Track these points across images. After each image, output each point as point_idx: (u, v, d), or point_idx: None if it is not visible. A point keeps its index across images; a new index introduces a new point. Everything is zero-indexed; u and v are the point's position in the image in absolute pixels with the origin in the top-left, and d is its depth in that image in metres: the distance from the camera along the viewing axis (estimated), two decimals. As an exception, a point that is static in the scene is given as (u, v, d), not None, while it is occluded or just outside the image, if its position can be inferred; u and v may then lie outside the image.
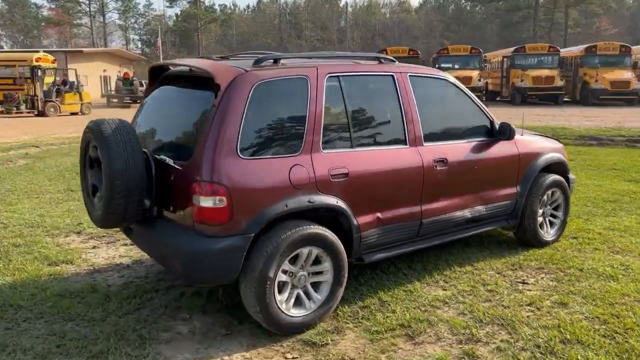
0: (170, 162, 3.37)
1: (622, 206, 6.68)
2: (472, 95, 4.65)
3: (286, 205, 3.34)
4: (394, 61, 4.24)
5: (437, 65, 26.40)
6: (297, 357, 3.24)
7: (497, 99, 29.48)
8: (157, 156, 3.49)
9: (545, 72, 26.39)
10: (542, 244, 5.07)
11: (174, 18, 79.44)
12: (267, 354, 3.29)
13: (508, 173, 4.75)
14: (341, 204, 3.57)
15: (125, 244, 5.30)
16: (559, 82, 26.27)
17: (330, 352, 3.27)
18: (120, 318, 3.69)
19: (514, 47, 29.09)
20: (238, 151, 3.23)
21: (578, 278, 4.31)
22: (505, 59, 28.94)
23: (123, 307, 3.87)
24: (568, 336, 3.36)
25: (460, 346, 3.32)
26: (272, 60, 3.60)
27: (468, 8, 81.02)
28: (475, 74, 27.04)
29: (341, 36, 76.13)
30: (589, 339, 3.32)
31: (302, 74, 3.58)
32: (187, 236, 3.27)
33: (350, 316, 3.73)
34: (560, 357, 3.15)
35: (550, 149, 5.13)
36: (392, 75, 4.07)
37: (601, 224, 5.86)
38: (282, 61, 3.64)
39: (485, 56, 30.05)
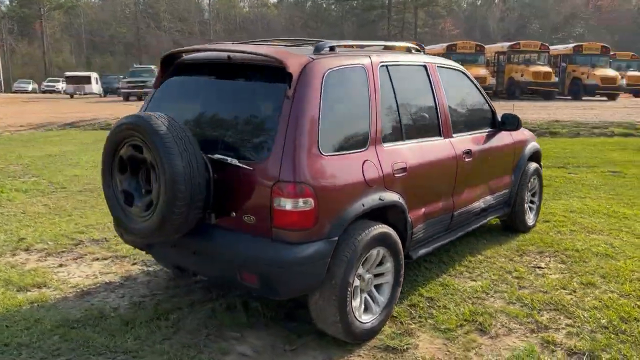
0: (235, 161, 2.93)
1: (558, 189, 7.29)
2: (480, 86, 4.74)
3: (363, 205, 3.10)
4: (421, 52, 4.16)
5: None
6: (386, 366, 3.04)
7: (489, 92, 30.40)
8: (210, 156, 3.01)
9: (543, 68, 27.69)
10: (527, 228, 5.34)
11: (7, 3, 71.05)
12: (354, 366, 3.03)
13: (508, 162, 4.93)
14: (401, 200, 3.41)
15: (97, 259, 4.58)
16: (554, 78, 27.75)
17: (417, 357, 3.11)
18: (163, 345, 3.16)
19: (509, 44, 30.19)
20: (319, 147, 2.92)
21: (582, 259, 4.59)
22: (499, 55, 29.95)
23: (155, 332, 3.32)
24: (623, 314, 3.56)
25: (535, 335, 3.35)
26: (329, 48, 3.31)
27: (324, 5, 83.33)
28: (486, 71, 27.11)
29: (203, 28, 74.01)
30: (640, 315, 3.54)
31: (360, 63, 3.35)
32: (264, 244, 2.88)
33: (408, 316, 3.58)
34: (631, 335, 3.31)
35: (531, 138, 5.42)
36: (425, 66, 3.98)
37: (557, 207, 6.34)
38: (336, 49, 3.37)
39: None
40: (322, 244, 2.90)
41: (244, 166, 2.90)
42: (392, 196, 3.32)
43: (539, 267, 4.44)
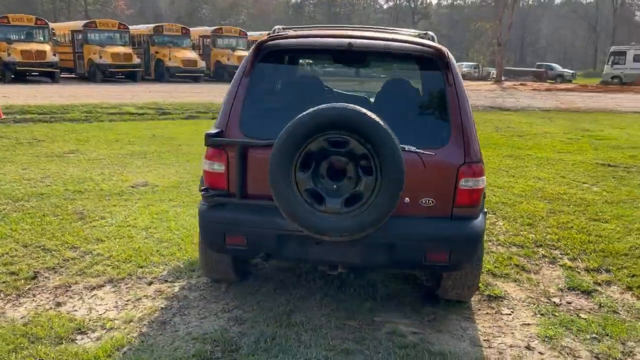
0: (412, 148, 3.03)
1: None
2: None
3: None
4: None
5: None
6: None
7: (73, 75, 27.71)
8: None
9: (121, 49, 26.38)
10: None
11: None
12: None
13: None
14: None
15: (100, 286, 3.72)
16: (135, 60, 26.72)
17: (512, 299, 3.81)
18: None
19: (83, 22, 27.81)
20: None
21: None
22: (75, 33, 27.32)
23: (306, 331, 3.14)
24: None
25: None
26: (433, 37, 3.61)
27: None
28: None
29: None
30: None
31: None
32: (453, 223, 3.10)
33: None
34: None
35: None
36: None
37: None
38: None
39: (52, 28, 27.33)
40: (483, 219, 3.29)
41: (427, 152, 3.03)
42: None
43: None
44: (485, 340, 3.23)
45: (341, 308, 3.52)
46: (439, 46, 3.19)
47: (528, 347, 3.15)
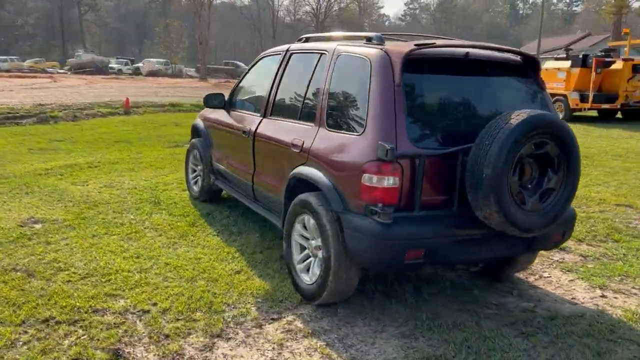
0: None
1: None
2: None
3: None
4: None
5: None
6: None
7: None
8: None
9: None
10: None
11: None
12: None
13: None
14: None
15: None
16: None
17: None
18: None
19: None
20: None
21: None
22: None
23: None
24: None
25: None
26: None
27: None
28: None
29: None
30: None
31: None
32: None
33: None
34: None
35: None
36: None
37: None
38: None
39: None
40: None
41: None
42: None
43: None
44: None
45: (452, 301, 3.81)
46: (532, 54, 3.76)
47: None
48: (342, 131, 3.45)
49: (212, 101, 5.26)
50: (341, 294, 3.53)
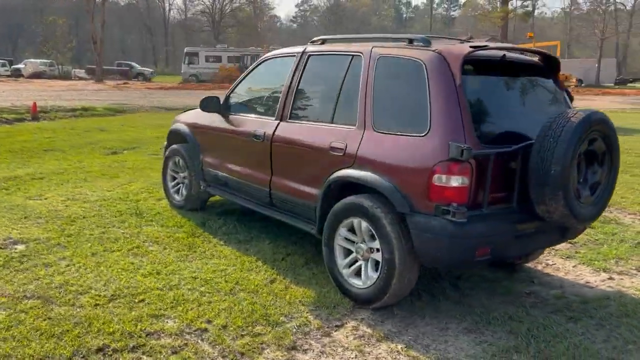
0: None
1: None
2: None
3: None
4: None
5: None
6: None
7: None
8: None
9: None
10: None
11: None
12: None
13: None
14: None
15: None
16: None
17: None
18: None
19: None
20: None
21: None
22: None
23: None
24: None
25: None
26: None
27: None
28: None
29: None
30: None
31: None
32: None
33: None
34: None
35: None
36: None
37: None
38: None
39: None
40: None
41: None
42: None
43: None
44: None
45: (490, 294, 3.97)
46: (555, 55, 4.01)
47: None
48: (398, 133, 3.45)
49: (209, 105, 5.02)
50: (401, 295, 3.55)
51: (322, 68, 4.26)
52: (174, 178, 5.83)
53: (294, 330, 3.31)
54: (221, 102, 5.05)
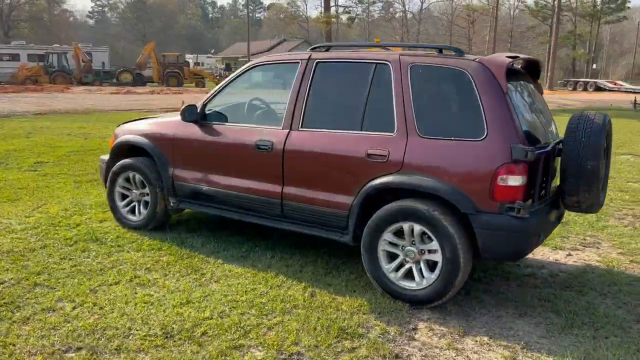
0: None
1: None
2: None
3: None
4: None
5: None
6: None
7: None
8: None
9: None
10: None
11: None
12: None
13: None
14: None
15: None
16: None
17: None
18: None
19: None
20: None
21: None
22: None
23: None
24: None
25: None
26: None
27: None
28: None
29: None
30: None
31: None
32: None
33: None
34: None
35: None
36: None
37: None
38: None
39: None
40: None
41: None
42: None
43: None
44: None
45: (509, 279, 4.40)
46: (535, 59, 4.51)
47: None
48: (452, 139, 3.62)
49: (190, 114, 4.62)
50: (457, 291, 3.75)
51: (338, 75, 4.24)
52: (125, 196, 5.22)
53: (381, 339, 3.31)
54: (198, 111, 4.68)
